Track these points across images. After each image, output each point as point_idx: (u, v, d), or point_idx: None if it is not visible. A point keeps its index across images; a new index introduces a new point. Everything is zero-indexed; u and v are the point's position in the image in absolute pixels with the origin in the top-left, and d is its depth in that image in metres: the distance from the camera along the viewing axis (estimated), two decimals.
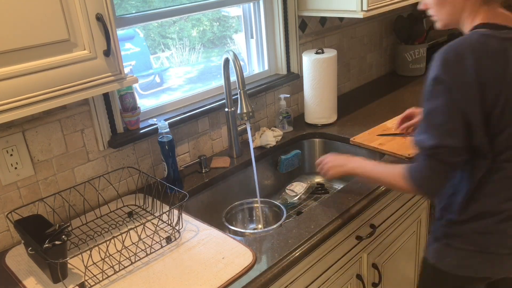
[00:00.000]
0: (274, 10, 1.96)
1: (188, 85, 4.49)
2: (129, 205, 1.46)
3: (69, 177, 1.41)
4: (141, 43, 4.34)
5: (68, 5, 1.02)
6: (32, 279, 1.15)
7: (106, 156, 1.49)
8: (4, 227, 1.31)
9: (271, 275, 1.13)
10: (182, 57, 4.72)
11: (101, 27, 1.08)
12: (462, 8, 1.13)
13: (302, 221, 1.32)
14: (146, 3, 1.79)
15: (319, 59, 1.85)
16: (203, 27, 4.42)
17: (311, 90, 1.91)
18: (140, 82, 1.37)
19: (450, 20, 1.17)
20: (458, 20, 1.16)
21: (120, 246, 1.20)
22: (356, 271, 1.50)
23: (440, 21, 1.20)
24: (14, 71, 0.96)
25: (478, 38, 1.04)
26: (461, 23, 1.16)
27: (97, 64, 1.09)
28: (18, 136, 1.28)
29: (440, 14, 1.18)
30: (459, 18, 1.15)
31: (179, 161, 1.67)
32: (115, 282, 1.11)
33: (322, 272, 1.35)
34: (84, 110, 1.40)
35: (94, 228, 1.34)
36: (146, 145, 1.58)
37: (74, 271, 1.15)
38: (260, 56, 2.01)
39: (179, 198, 1.45)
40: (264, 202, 1.60)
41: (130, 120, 1.52)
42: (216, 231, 1.29)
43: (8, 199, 1.30)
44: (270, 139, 1.82)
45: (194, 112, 1.68)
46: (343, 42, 2.28)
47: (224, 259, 1.16)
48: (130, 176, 1.55)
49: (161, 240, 1.25)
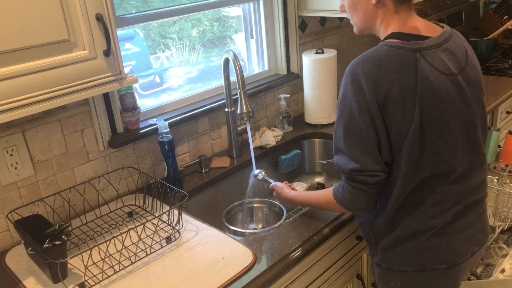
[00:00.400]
0: (274, 10, 1.96)
1: (188, 85, 4.49)
2: (129, 205, 1.46)
3: (69, 177, 1.41)
4: (141, 43, 4.34)
5: (68, 5, 1.02)
6: (32, 279, 1.15)
7: (106, 156, 1.49)
8: (4, 227, 1.31)
9: (271, 275, 1.13)
10: (182, 57, 4.72)
11: (101, 27, 1.08)
12: (373, 15, 1.11)
13: (302, 221, 1.32)
14: (146, 3, 1.80)
15: (319, 59, 1.85)
16: (203, 27, 4.42)
17: (311, 90, 1.91)
18: (140, 82, 1.37)
19: (363, 26, 1.16)
20: (372, 27, 1.14)
21: (120, 246, 1.20)
22: (356, 271, 1.50)
23: (355, 26, 1.19)
24: (14, 71, 0.96)
25: (386, 51, 1.01)
26: (376, 30, 1.15)
27: (97, 64, 1.09)
28: (18, 136, 1.28)
29: (353, 19, 1.17)
30: (373, 25, 1.14)
31: (179, 161, 1.67)
32: (115, 282, 1.11)
33: (322, 272, 1.35)
34: (84, 110, 1.40)
35: (94, 228, 1.34)
36: (146, 145, 1.58)
37: (74, 271, 1.15)
38: (260, 56, 2.01)
39: (179, 198, 1.45)
40: (264, 202, 1.60)
41: (130, 120, 1.52)
42: (216, 231, 1.29)
43: (8, 199, 1.30)
44: (270, 139, 1.82)
45: (194, 112, 1.68)
46: (343, 42, 2.28)
47: (224, 259, 1.16)
48: (130, 176, 1.55)
49: (161, 240, 1.25)
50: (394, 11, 1.09)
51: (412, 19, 1.10)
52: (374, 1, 1.08)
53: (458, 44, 1.11)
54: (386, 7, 1.09)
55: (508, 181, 1.73)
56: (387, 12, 1.10)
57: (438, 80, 1.03)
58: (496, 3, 3.14)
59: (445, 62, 1.05)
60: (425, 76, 1.01)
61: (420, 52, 1.02)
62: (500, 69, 2.50)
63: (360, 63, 1.02)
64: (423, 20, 1.12)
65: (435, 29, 1.11)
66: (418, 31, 1.08)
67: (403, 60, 1.00)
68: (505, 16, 3.00)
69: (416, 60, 1.01)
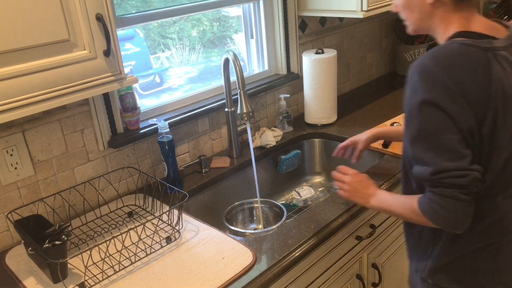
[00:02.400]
0: (274, 10, 1.96)
1: (188, 85, 4.49)
2: (129, 205, 1.46)
3: (69, 177, 1.41)
4: (141, 43, 4.34)
5: (68, 5, 1.02)
6: (32, 279, 1.15)
7: (106, 156, 1.49)
8: (4, 227, 1.31)
9: (271, 275, 1.13)
10: (182, 57, 4.72)
11: (101, 27, 1.08)
12: (431, 15, 1.04)
13: (302, 221, 1.32)
14: (146, 3, 1.80)
15: (319, 59, 1.85)
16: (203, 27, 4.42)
17: (311, 90, 1.91)
18: (140, 82, 1.37)
19: (419, 26, 1.08)
20: (429, 27, 1.07)
21: (120, 246, 1.20)
22: (356, 271, 1.50)
23: (410, 26, 1.11)
24: (14, 71, 0.96)
25: (458, 49, 0.94)
26: (433, 30, 1.07)
27: (97, 64, 1.09)
28: (18, 136, 1.28)
29: (409, 18, 1.09)
30: (429, 24, 1.06)
31: (179, 161, 1.67)
32: (115, 282, 1.11)
33: (322, 272, 1.35)
34: (84, 110, 1.40)
35: (94, 228, 1.34)
36: (146, 145, 1.58)
37: (74, 271, 1.15)
38: (260, 56, 2.01)
39: (179, 198, 1.45)
40: (264, 202, 1.60)
41: (130, 120, 1.52)
42: (216, 231, 1.29)
43: (8, 199, 1.30)
44: (270, 139, 1.82)
45: (194, 112, 1.68)
46: (343, 42, 2.28)
47: (224, 259, 1.16)
48: (130, 176, 1.55)
49: (161, 240, 1.25)
50: (454, 10, 1.01)
51: (475, 18, 1.02)
52: (431, 0, 1.01)
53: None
54: (445, 6, 1.01)
55: None
56: (446, 11, 1.01)
57: (510, 83, 0.95)
58: (496, 3, 3.14)
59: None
60: (499, 78, 0.94)
61: (493, 52, 0.95)
62: None
63: (432, 59, 0.94)
64: (486, 19, 1.04)
65: (499, 29, 1.03)
66: (484, 31, 0.99)
67: (476, 59, 0.93)
68: (505, 16, 3.00)
69: (490, 61, 0.94)
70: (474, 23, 1.01)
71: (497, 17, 3.01)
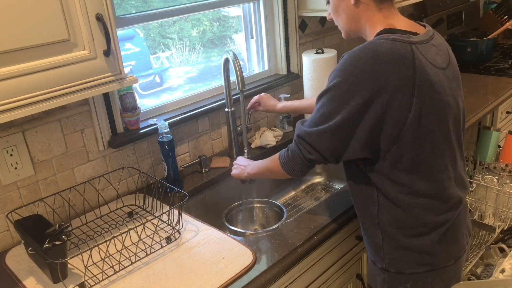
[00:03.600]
0: (274, 10, 1.96)
1: (188, 84, 4.49)
2: (129, 205, 1.46)
3: (69, 177, 1.41)
4: (141, 43, 4.34)
5: (68, 5, 1.02)
6: (32, 279, 1.15)
7: (106, 156, 1.49)
8: (4, 227, 1.31)
9: (271, 275, 1.13)
10: (182, 57, 4.73)
11: (101, 27, 1.08)
12: (356, 16, 1.13)
13: (302, 221, 1.32)
14: (146, 3, 1.80)
15: (319, 59, 1.85)
16: (203, 27, 4.42)
17: (311, 90, 1.91)
18: (140, 82, 1.37)
19: (349, 28, 1.17)
20: (358, 28, 1.15)
21: (120, 246, 1.20)
22: (356, 271, 1.50)
23: (342, 31, 1.20)
24: (14, 71, 0.96)
25: (383, 44, 1.01)
26: (362, 32, 1.15)
27: (97, 64, 1.09)
28: (18, 136, 1.28)
29: (339, 23, 1.19)
30: (358, 26, 1.14)
31: (179, 161, 1.67)
32: (115, 282, 1.11)
33: (322, 272, 1.35)
34: (84, 110, 1.40)
35: (94, 228, 1.34)
36: (146, 145, 1.58)
37: (74, 271, 1.15)
38: (260, 56, 2.01)
39: (179, 198, 1.45)
40: (264, 202, 1.60)
41: (130, 120, 1.52)
42: (216, 231, 1.29)
43: (8, 199, 1.30)
44: (270, 139, 1.82)
45: (194, 112, 1.68)
46: (343, 42, 2.28)
47: (224, 259, 1.16)
48: (130, 176, 1.55)
49: (161, 240, 1.25)
50: (377, 10, 1.10)
51: (397, 17, 1.12)
52: (353, 1, 1.10)
53: (441, 42, 1.14)
54: (367, 6, 1.10)
55: (508, 181, 1.73)
56: (369, 10, 1.11)
57: (433, 72, 1.04)
58: (496, 3, 3.14)
59: (435, 57, 1.07)
60: (422, 68, 1.02)
61: (415, 45, 1.03)
62: (500, 69, 2.50)
63: (356, 55, 1.02)
64: (406, 18, 1.14)
65: (419, 27, 1.13)
66: (406, 28, 1.09)
67: (400, 51, 1.00)
68: (505, 16, 3.00)
69: (413, 52, 1.01)
70: (397, 21, 1.11)
71: (497, 17, 3.01)
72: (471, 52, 2.59)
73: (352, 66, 1.01)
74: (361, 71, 1.00)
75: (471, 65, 2.58)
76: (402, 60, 1.00)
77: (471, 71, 2.54)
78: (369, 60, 1.00)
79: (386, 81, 0.99)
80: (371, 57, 1.00)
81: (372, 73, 0.99)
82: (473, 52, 2.59)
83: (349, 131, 1.04)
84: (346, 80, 1.01)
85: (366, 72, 0.99)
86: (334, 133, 1.05)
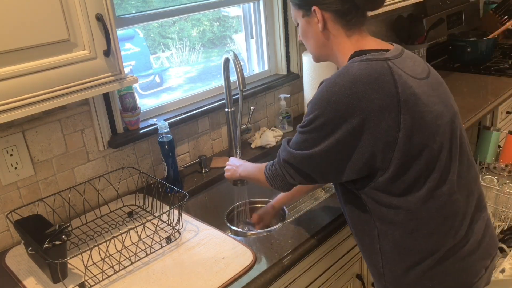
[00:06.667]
0: (274, 10, 1.96)
1: (188, 84, 4.49)
2: (129, 205, 1.46)
3: (69, 177, 1.41)
4: (141, 43, 4.34)
5: (68, 5, 1.02)
6: (32, 279, 1.15)
7: (106, 156, 1.49)
8: (4, 227, 1.31)
9: (271, 275, 1.13)
10: (182, 57, 4.73)
11: (101, 27, 1.08)
12: (325, 42, 1.09)
13: (302, 221, 1.32)
14: (146, 3, 1.80)
15: None
16: (203, 27, 4.43)
17: (311, 90, 1.91)
18: (140, 82, 1.37)
19: (319, 53, 1.13)
20: (328, 54, 1.11)
21: (120, 246, 1.20)
22: (356, 271, 1.50)
23: (311, 54, 1.16)
24: (14, 71, 0.96)
25: (358, 66, 0.97)
26: (333, 58, 1.11)
27: (97, 64, 1.09)
28: (18, 136, 1.28)
29: (308, 47, 1.15)
30: (327, 52, 1.11)
31: (179, 161, 1.67)
32: (115, 282, 1.11)
33: (322, 272, 1.35)
34: (84, 110, 1.40)
35: (94, 228, 1.34)
36: (146, 145, 1.58)
37: (74, 271, 1.15)
38: (260, 56, 2.02)
39: (179, 198, 1.45)
40: (265, 202, 1.60)
41: (130, 120, 1.52)
42: (216, 231, 1.29)
43: (8, 199, 1.30)
44: (270, 139, 1.82)
45: (194, 112, 1.68)
46: None
47: (224, 259, 1.16)
48: (130, 176, 1.55)
49: (161, 240, 1.25)
50: (346, 36, 1.07)
51: (366, 39, 1.08)
52: (320, 28, 1.06)
53: (413, 54, 1.10)
54: (337, 32, 1.07)
55: (508, 181, 1.74)
56: (338, 37, 1.07)
57: (415, 84, 0.99)
58: (496, 3, 3.14)
59: (414, 68, 1.03)
60: (403, 82, 0.97)
61: (390, 61, 0.99)
62: (500, 69, 2.50)
63: (332, 82, 0.97)
64: (375, 38, 1.11)
65: (387, 45, 1.09)
66: (376, 46, 1.06)
67: (377, 70, 0.96)
68: (505, 16, 3.00)
69: (390, 68, 0.97)
70: (366, 42, 1.07)
71: (497, 17, 3.01)
72: (471, 52, 2.59)
73: (329, 93, 0.96)
74: (340, 96, 0.94)
75: (471, 65, 2.58)
76: (381, 78, 0.95)
77: (471, 71, 2.54)
78: (346, 84, 0.95)
79: (368, 102, 0.94)
80: (348, 81, 0.95)
81: (352, 97, 0.94)
82: (473, 52, 2.59)
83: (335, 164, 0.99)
84: (323, 112, 0.96)
85: (345, 97, 0.94)
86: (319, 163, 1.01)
